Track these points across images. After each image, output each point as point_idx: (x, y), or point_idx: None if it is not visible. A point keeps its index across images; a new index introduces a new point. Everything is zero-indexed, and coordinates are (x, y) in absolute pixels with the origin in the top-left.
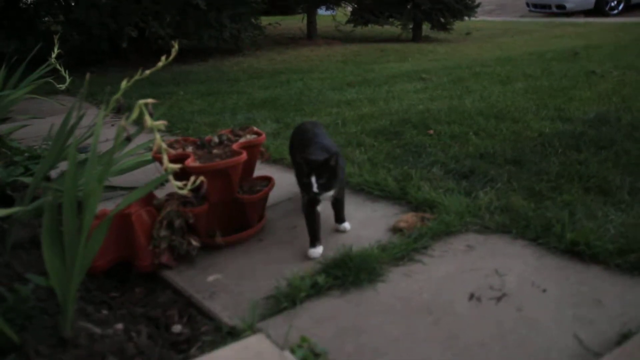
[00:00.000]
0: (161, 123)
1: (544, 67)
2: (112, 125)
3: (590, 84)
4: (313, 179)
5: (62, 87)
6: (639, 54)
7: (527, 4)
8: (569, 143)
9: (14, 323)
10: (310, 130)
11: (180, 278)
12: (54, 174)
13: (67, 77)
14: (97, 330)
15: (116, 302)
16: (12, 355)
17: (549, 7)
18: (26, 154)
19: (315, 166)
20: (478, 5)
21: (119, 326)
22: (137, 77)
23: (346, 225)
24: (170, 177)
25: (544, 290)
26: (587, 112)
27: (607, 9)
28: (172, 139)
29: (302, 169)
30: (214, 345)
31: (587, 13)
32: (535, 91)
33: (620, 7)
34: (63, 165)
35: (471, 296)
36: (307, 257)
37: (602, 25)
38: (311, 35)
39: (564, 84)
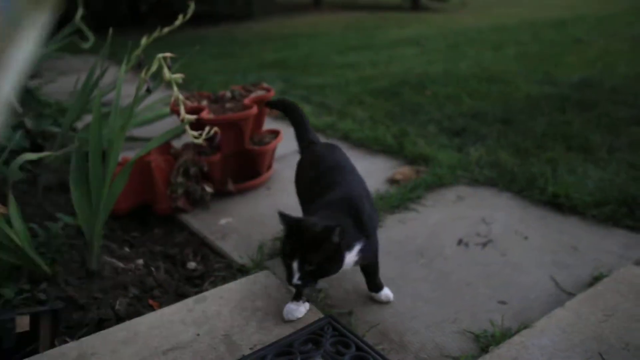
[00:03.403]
0: (179, 76)
1: (534, 35)
2: (133, 83)
3: (576, 50)
4: (295, 265)
5: (86, 45)
6: (623, 24)
7: None
8: (554, 105)
9: (46, 256)
10: (327, 160)
11: (195, 221)
12: (79, 125)
13: (91, 36)
14: (120, 264)
15: (137, 241)
16: (44, 284)
17: None
18: (54, 107)
19: (302, 243)
20: None
21: (140, 262)
22: (156, 34)
23: (386, 293)
24: (187, 127)
25: (526, 238)
26: (573, 76)
27: None
28: (188, 94)
29: (284, 238)
30: (225, 280)
31: None
32: (525, 57)
33: None
34: (87, 119)
35: (460, 241)
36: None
37: None
38: (318, 2)
39: (552, 51)
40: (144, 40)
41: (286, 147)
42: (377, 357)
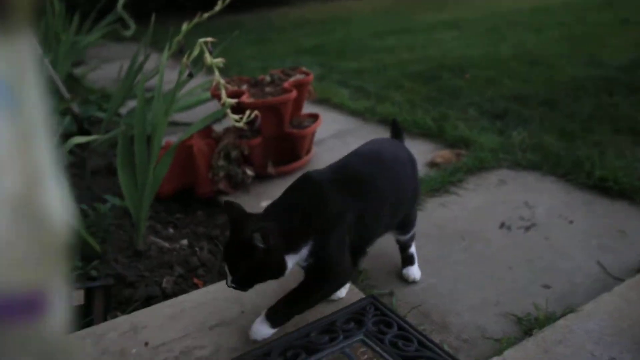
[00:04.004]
0: (220, 60)
1: (578, 16)
2: (174, 69)
3: (623, 31)
4: (226, 267)
5: (128, 33)
6: None
7: None
8: (601, 87)
9: (95, 236)
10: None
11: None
12: (122, 111)
13: (132, 24)
14: (166, 244)
15: (181, 223)
16: (96, 262)
17: None
18: (99, 93)
19: (229, 245)
20: None
21: (184, 242)
22: (196, 20)
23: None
24: (228, 111)
25: (571, 222)
26: (620, 58)
27: None
28: (228, 78)
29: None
30: None
31: None
32: (569, 39)
33: None
34: (130, 104)
35: (502, 225)
36: None
37: None
38: None
39: (598, 32)
40: (184, 26)
41: (325, 131)
42: (420, 336)
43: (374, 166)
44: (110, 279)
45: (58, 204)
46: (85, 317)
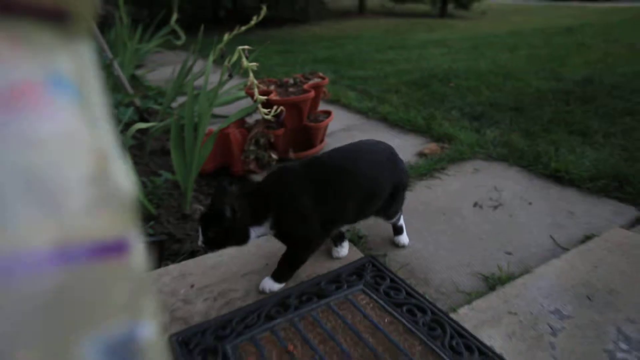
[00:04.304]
0: (254, 64)
1: (544, 40)
2: (215, 73)
3: (580, 53)
4: (200, 229)
5: (179, 42)
6: (623, 31)
7: None
8: (559, 97)
9: (152, 202)
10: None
11: None
12: (174, 105)
13: (183, 35)
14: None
15: None
16: (152, 222)
17: None
18: (155, 90)
19: (205, 212)
20: None
21: None
22: (235, 32)
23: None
24: (259, 106)
25: (530, 203)
26: (576, 74)
27: None
28: (259, 80)
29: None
30: None
31: None
32: (536, 58)
33: None
34: (180, 100)
35: (475, 204)
36: None
37: (594, 8)
38: (362, 10)
39: (559, 53)
40: (226, 37)
41: (336, 125)
42: (407, 288)
43: (344, 163)
44: (163, 236)
45: (124, 176)
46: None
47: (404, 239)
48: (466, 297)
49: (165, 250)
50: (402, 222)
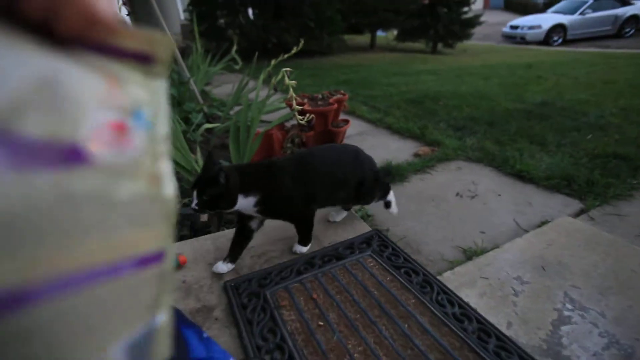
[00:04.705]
0: (293, 82)
1: (510, 72)
2: (263, 90)
3: (538, 83)
4: (195, 194)
5: (237, 67)
6: (571, 67)
7: (502, 35)
8: (523, 115)
9: None
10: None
11: None
12: (232, 112)
13: (240, 62)
14: None
15: None
16: None
17: (515, 37)
18: (219, 101)
19: (201, 178)
20: (472, 35)
21: None
22: (280, 59)
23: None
24: (296, 114)
25: (499, 195)
26: (535, 99)
27: (551, 41)
28: (296, 95)
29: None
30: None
31: (539, 43)
32: (504, 85)
33: (560, 40)
34: (236, 108)
35: (457, 194)
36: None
37: (548, 51)
38: (372, 46)
39: (522, 82)
40: (272, 62)
41: (352, 130)
42: (404, 255)
43: (318, 159)
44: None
45: (172, 196)
46: (207, 228)
47: (392, 209)
48: (449, 265)
49: (222, 219)
50: (389, 198)
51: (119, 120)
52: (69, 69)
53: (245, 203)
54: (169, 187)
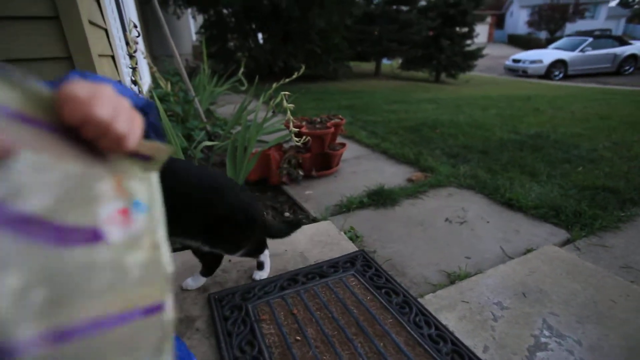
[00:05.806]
0: (291, 106)
1: (508, 103)
2: (263, 110)
3: (534, 115)
4: None
5: (242, 88)
6: (568, 101)
7: (505, 68)
8: (516, 146)
9: None
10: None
11: (291, 190)
12: (233, 131)
13: (246, 83)
14: None
15: (258, 197)
16: None
17: (517, 71)
18: (221, 120)
19: None
20: (474, 66)
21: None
22: (281, 82)
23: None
24: (293, 135)
25: (488, 222)
26: (530, 130)
27: (552, 76)
28: (294, 117)
29: None
30: (305, 224)
31: (540, 77)
32: (501, 116)
33: (561, 75)
34: (237, 128)
35: (446, 219)
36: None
37: (548, 85)
38: (377, 73)
39: (519, 113)
40: (274, 85)
41: (349, 154)
42: (387, 276)
43: (173, 173)
44: None
45: (168, 259)
46: None
47: (258, 274)
48: (432, 288)
49: None
50: (263, 259)
51: (124, 207)
52: (93, 174)
53: None
54: (165, 252)
